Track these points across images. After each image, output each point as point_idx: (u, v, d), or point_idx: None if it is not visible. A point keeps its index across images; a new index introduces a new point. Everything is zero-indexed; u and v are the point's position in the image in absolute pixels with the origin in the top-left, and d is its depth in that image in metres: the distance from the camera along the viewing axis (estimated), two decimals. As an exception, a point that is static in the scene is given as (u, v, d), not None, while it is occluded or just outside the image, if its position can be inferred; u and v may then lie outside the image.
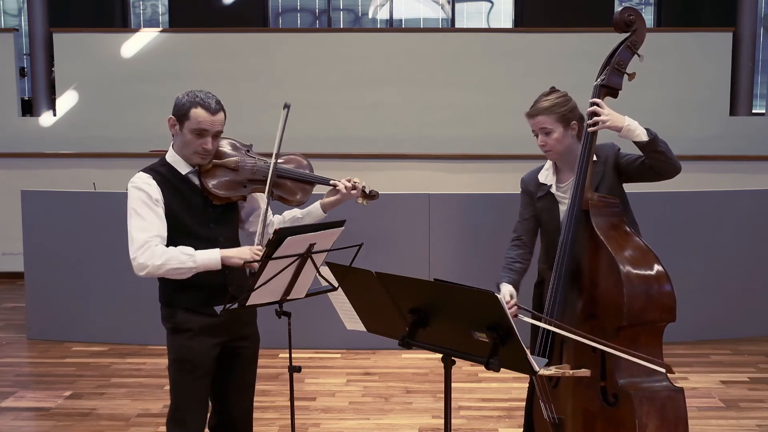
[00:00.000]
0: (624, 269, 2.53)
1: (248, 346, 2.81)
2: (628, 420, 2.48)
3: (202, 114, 2.55)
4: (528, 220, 3.01)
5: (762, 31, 9.05)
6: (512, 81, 7.69)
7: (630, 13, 2.73)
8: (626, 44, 2.74)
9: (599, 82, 2.74)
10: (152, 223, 2.54)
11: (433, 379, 4.65)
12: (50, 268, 5.46)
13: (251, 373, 2.87)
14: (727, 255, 5.37)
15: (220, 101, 2.62)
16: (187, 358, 2.67)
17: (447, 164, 7.57)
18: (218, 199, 2.66)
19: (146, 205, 2.55)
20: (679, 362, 4.85)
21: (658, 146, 2.64)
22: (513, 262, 2.96)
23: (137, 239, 2.52)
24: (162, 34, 8.15)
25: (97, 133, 7.82)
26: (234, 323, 2.70)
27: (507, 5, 10.82)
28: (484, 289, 1.90)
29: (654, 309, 2.56)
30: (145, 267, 2.51)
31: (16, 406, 4.29)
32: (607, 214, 2.68)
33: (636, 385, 2.52)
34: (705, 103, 7.78)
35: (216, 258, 2.54)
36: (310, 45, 7.97)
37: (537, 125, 2.81)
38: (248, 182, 2.71)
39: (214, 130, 2.59)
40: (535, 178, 2.96)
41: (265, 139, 8.65)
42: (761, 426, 3.95)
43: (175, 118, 2.60)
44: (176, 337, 2.68)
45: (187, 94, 2.59)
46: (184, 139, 2.60)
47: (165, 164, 2.66)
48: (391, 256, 4.96)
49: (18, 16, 10.98)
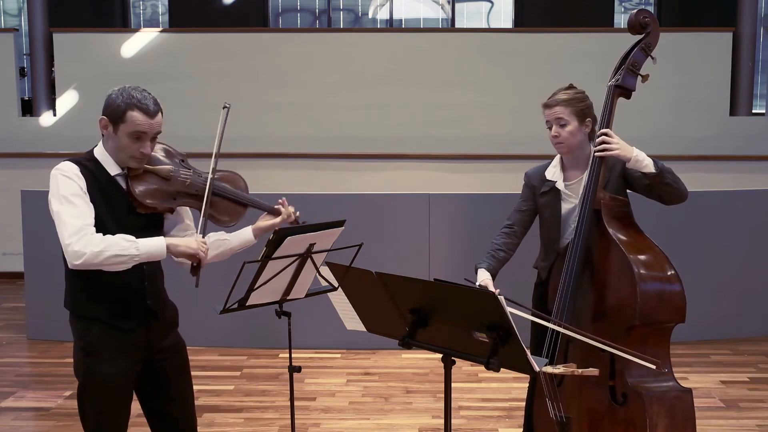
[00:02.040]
0: (637, 269, 2.55)
1: (171, 357, 2.59)
2: (638, 419, 2.49)
3: (139, 117, 2.35)
4: (524, 212, 3.02)
5: (762, 31, 9.06)
6: (512, 81, 7.69)
7: (645, 16, 2.76)
8: (641, 46, 2.78)
9: (614, 83, 2.76)
10: (85, 212, 2.31)
11: (433, 379, 4.65)
12: (50, 268, 5.42)
13: (186, 383, 2.66)
14: (727, 255, 5.37)
15: (157, 101, 2.42)
16: (104, 384, 2.43)
17: (447, 164, 7.57)
18: (143, 208, 2.44)
19: (78, 195, 2.32)
20: (679, 362, 4.84)
21: (665, 178, 2.67)
22: (498, 250, 2.96)
23: (71, 224, 2.27)
24: (162, 34, 8.14)
25: (97, 133, 7.73)
26: (149, 340, 2.51)
27: (507, 5, 10.83)
28: (485, 289, 1.90)
29: (665, 310, 2.58)
30: (82, 254, 2.26)
31: (16, 406, 4.29)
32: (618, 214, 2.71)
33: (645, 384, 2.53)
34: (705, 103, 7.77)
35: (161, 246, 2.34)
36: (310, 45, 7.97)
37: (553, 115, 2.82)
38: (178, 194, 2.49)
39: (153, 132, 2.39)
40: (540, 174, 2.98)
41: (266, 139, 8.67)
42: (761, 426, 3.95)
43: (108, 119, 2.40)
44: (89, 359, 2.43)
45: (121, 93, 2.38)
46: (118, 143, 2.39)
47: (92, 160, 2.44)
48: (391, 256, 4.95)
49: (18, 16, 10.98)
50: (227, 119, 2.58)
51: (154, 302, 2.51)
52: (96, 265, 2.30)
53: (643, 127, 7.41)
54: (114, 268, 2.32)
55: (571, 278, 2.68)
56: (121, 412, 2.52)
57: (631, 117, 8.24)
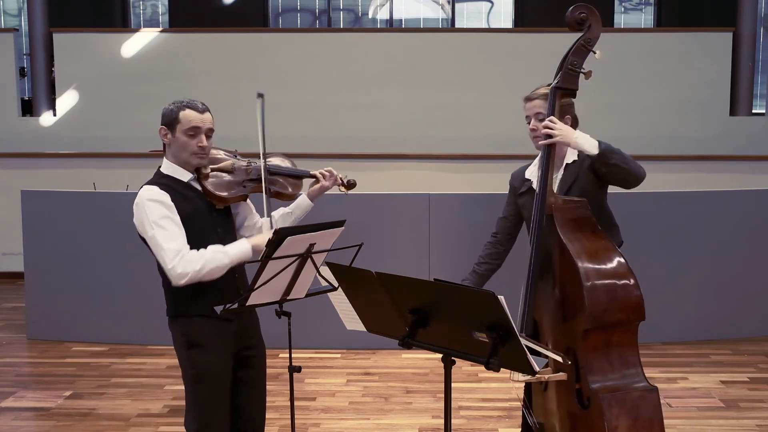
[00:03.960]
0: (584, 271, 2.47)
1: (257, 355, 2.81)
2: (598, 422, 2.43)
3: (191, 114, 2.61)
4: (507, 218, 3.00)
5: (762, 31, 9.06)
6: (512, 81, 7.65)
7: (581, 11, 2.68)
8: (579, 43, 2.69)
9: (554, 84, 2.71)
10: (176, 233, 2.55)
11: (433, 379, 4.65)
12: (50, 268, 5.46)
13: (264, 380, 2.86)
14: (727, 255, 5.37)
15: (204, 104, 2.68)
16: (209, 372, 2.64)
17: (447, 164, 7.57)
18: (221, 201, 2.70)
19: (165, 216, 2.55)
20: (679, 362, 4.86)
21: (610, 159, 2.60)
22: (480, 263, 2.96)
23: (169, 249, 2.51)
24: (162, 34, 8.15)
25: (97, 133, 7.82)
26: (243, 332, 2.72)
27: (507, 5, 10.83)
28: (484, 289, 1.91)
29: (619, 310, 2.49)
30: (185, 275, 2.50)
31: (16, 406, 4.29)
32: (571, 216, 2.62)
33: (608, 387, 2.47)
34: (705, 103, 7.77)
35: (246, 248, 2.59)
36: (310, 45, 7.97)
37: (533, 109, 2.81)
38: (246, 182, 2.77)
39: (206, 128, 2.64)
40: (521, 174, 2.97)
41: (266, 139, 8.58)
42: (761, 426, 3.95)
43: (166, 127, 2.64)
44: (194, 351, 2.65)
45: (172, 103, 2.65)
46: (178, 143, 2.62)
47: (164, 176, 2.67)
48: (391, 256, 4.96)
49: (18, 16, 10.99)
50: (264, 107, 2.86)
51: (244, 290, 2.63)
52: (198, 280, 2.54)
53: (642, 127, 7.42)
54: (213, 278, 2.56)
55: (530, 284, 2.64)
56: (225, 401, 2.68)
57: (631, 117, 8.29)
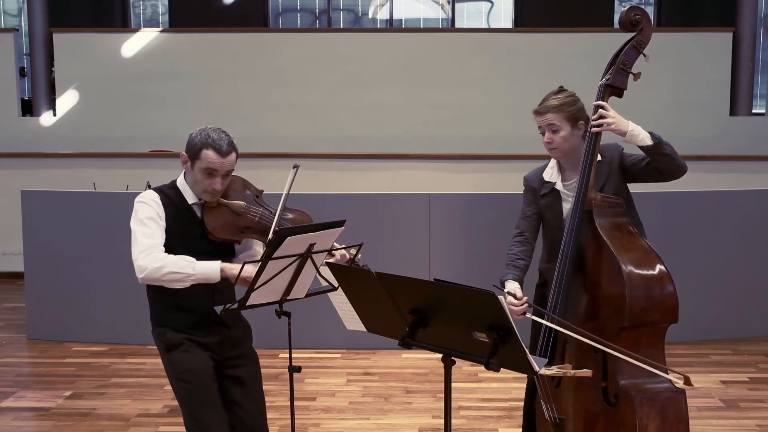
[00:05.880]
0: (626, 270, 2.53)
1: (247, 364, 2.82)
2: (628, 421, 2.48)
3: (212, 155, 2.57)
4: (530, 217, 3.01)
5: (762, 31, 9.05)
6: (512, 81, 7.69)
7: (636, 13, 2.72)
8: (632, 44, 2.74)
9: (604, 82, 2.74)
10: (156, 233, 2.60)
11: (433, 379, 4.65)
12: (50, 268, 5.46)
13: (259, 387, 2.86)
14: (727, 255, 5.37)
15: (233, 142, 2.63)
16: (189, 369, 2.67)
17: (447, 164, 7.57)
18: (213, 237, 2.69)
19: (153, 219, 2.61)
20: (679, 362, 4.85)
21: (663, 149, 2.66)
22: (517, 259, 2.95)
23: (142, 243, 2.56)
24: (162, 34, 8.14)
25: (97, 133, 7.82)
26: (223, 344, 2.74)
27: (507, 5, 10.83)
28: (484, 289, 1.90)
29: (656, 310, 2.56)
30: (144, 269, 2.53)
31: (16, 406, 4.29)
32: (610, 214, 2.67)
33: (637, 386, 2.52)
34: (705, 103, 7.78)
35: (215, 269, 2.55)
36: (310, 45, 7.97)
37: (545, 122, 2.81)
38: (246, 229, 2.70)
39: (224, 170, 2.62)
40: (539, 176, 2.97)
41: (266, 139, 8.65)
42: (761, 426, 3.95)
43: (187, 156, 2.64)
44: (171, 354, 2.70)
45: (200, 132, 2.61)
46: (194, 177, 2.64)
47: (174, 188, 2.71)
48: (391, 256, 4.95)
49: (18, 16, 10.99)
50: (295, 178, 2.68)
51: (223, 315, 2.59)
52: (156, 280, 2.56)
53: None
54: (173, 285, 2.56)
55: (562, 279, 2.67)
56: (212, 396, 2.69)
57: (631, 117, 8.27)
